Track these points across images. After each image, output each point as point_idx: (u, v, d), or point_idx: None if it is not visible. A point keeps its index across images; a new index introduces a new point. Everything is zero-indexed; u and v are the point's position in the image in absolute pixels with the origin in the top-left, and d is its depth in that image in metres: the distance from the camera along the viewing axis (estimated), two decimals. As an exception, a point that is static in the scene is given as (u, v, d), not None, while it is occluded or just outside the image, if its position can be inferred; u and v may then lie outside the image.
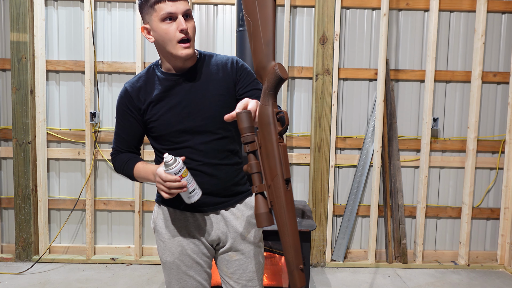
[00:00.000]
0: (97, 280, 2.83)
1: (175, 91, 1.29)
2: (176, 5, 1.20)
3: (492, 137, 3.21)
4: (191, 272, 1.36)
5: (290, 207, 1.04)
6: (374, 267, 3.14)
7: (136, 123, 1.34)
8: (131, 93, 1.32)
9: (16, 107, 3.00)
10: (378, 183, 3.12)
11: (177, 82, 1.29)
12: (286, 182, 1.03)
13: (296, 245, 1.04)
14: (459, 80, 3.16)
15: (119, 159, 1.37)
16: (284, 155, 1.03)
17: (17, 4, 2.93)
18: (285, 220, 1.03)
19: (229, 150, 1.36)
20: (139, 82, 1.33)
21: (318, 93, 3.04)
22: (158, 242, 1.41)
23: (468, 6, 3.10)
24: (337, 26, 3.02)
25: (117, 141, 1.39)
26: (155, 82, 1.31)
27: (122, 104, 1.34)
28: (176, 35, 1.21)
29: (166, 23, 1.20)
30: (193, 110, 1.28)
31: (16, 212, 3.06)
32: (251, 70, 1.36)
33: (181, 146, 1.30)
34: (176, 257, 1.36)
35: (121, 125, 1.36)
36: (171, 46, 1.22)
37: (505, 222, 3.17)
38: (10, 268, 2.97)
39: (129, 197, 3.18)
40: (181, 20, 1.20)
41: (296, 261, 1.04)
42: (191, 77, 1.30)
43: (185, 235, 1.36)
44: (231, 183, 1.37)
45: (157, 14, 1.20)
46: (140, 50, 3.03)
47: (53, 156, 3.13)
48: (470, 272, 3.11)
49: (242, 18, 2.54)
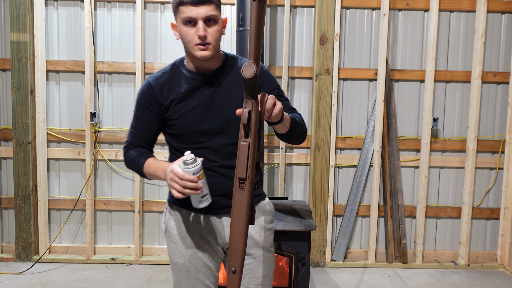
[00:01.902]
0: (97, 280, 2.83)
1: (199, 91, 1.29)
2: (198, 10, 1.20)
3: (492, 137, 3.21)
4: (201, 275, 1.35)
5: (237, 207, 1.05)
6: (374, 267, 3.14)
7: (155, 118, 1.32)
8: (154, 87, 1.31)
9: (16, 107, 3.00)
10: (378, 183, 3.12)
11: (202, 82, 1.30)
12: (240, 181, 1.04)
13: (235, 246, 1.04)
14: (459, 80, 3.16)
15: (131, 153, 1.34)
16: (241, 153, 1.04)
17: (17, 4, 2.93)
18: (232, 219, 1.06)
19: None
20: (163, 77, 1.32)
21: (318, 93, 3.04)
22: (169, 243, 1.39)
23: (468, 6, 3.10)
24: (337, 26, 3.02)
25: (133, 135, 1.36)
26: (180, 80, 1.31)
27: (144, 98, 1.32)
28: (194, 40, 1.22)
29: (187, 26, 1.22)
30: (215, 111, 1.28)
31: (16, 212, 3.06)
32: (274, 77, 1.39)
33: (199, 146, 1.30)
34: (187, 259, 1.34)
35: (139, 119, 1.34)
36: (189, 47, 1.24)
37: (505, 222, 3.17)
38: (10, 268, 2.97)
39: (129, 197, 3.18)
40: (200, 26, 1.20)
41: (230, 263, 1.05)
42: (216, 79, 1.31)
43: (197, 237, 1.35)
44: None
45: (180, 16, 1.22)
46: (140, 50, 3.03)
47: (53, 156, 3.13)
48: (470, 272, 3.11)
49: (242, 18, 2.54)
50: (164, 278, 2.89)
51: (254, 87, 1.03)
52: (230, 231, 1.06)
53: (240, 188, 1.05)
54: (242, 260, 1.06)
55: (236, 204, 1.05)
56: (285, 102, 1.39)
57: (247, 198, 1.04)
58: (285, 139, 1.33)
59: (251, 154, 1.04)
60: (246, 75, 1.01)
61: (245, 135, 1.04)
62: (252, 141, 1.04)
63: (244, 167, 1.03)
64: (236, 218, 1.05)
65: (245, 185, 1.04)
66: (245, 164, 1.03)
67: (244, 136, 1.04)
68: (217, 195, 1.31)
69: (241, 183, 1.05)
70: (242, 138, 1.05)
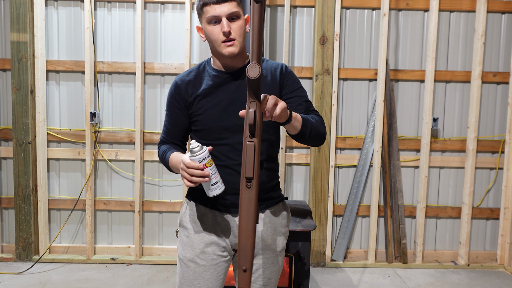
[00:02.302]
0: (97, 280, 2.83)
1: (222, 88, 1.33)
2: (221, 8, 1.24)
3: (492, 137, 3.21)
4: (208, 274, 1.33)
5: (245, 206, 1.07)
6: (374, 267, 3.14)
7: (182, 115, 1.37)
8: (180, 86, 1.37)
9: (16, 107, 3.00)
10: (378, 183, 3.12)
11: (226, 79, 1.33)
12: (247, 181, 1.06)
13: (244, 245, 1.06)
14: (459, 80, 3.17)
15: (161, 149, 1.40)
16: (249, 153, 1.06)
17: (17, 4, 2.93)
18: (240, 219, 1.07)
19: (268, 154, 1.36)
20: (189, 76, 1.38)
21: (318, 93, 3.04)
22: (182, 238, 1.40)
23: (468, 6, 3.10)
24: (337, 26, 3.02)
25: (164, 132, 1.43)
26: (204, 78, 1.36)
27: (171, 97, 1.39)
28: (220, 37, 1.26)
29: (212, 25, 1.26)
30: (236, 108, 1.28)
31: (16, 212, 3.06)
32: (297, 78, 1.41)
33: (221, 143, 1.31)
34: (197, 254, 1.34)
35: (169, 117, 1.40)
36: (216, 45, 1.28)
37: (505, 222, 3.17)
38: (10, 268, 2.97)
39: (129, 197, 3.18)
40: (225, 23, 1.24)
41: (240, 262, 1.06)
42: (240, 76, 1.33)
43: (211, 234, 1.35)
44: (264, 187, 1.35)
45: (205, 17, 1.27)
46: (140, 50, 3.03)
47: (53, 156, 3.13)
48: (470, 272, 3.11)
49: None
50: (164, 278, 2.89)
51: (258, 87, 1.05)
52: (239, 230, 1.08)
53: (247, 187, 1.07)
54: (252, 258, 1.08)
55: (244, 203, 1.07)
56: (306, 104, 1.38)
57: (254, 197, 1.06)
58: (299, 140, 1.32)
59: (257, 154, 1.06)
60: (251, 75, 1.02)
61: (250, 135, 1.06)
62: (257, 141, 1.06)
63: (251, 167, 1.05)
64: (244, 217, 1.07)
65: (252, 184, 1.06)
66: (252, 163, 1.05)
67: (249, 136, 1.06)
68: (234, 194, 1.30)
69: (248, 182, 1.06)
70: (247, 138, 1.06)
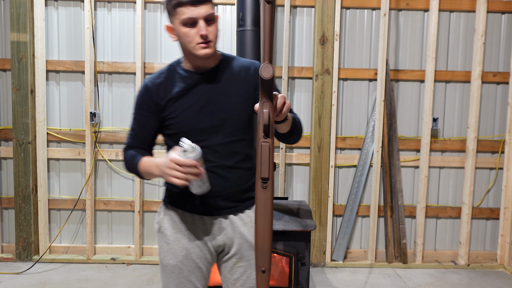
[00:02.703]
0: (97, 280, 2.83)
1: (196, 90, 1.29)
2: (198, 10, 1.20)
3: (492, 137, 3.21)
4: (192, 277, 1.34)
5: (262, 207, 1.06)
6: (374, 267, 3.14)
7: (153, 119, 1.32)
8: (151, 88, 1.31)
9: (16, 107, 3.00)
10: (378, 183, 3.12)
11: (199, 80, 1.30)
12: (263, 181, 1.05)
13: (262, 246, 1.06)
14: (459, 80, 3.17)
15: (129, 154, 1.34)
16: (264, 154, 1.05)
17: (17, 4, 2.93)
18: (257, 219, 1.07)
19: (245, 154, 1.36)
20: (159, 78, 1.33)
21: (318, 93, 3.04)
22: (161, 244, 1.37)
23: (468, 6, 3.10)
24: (337, 26, 3.02)
25: (131, 136, 1.36)
26: (176, 79, 1.31)
27: (141, 100, 1.33)
28: (196, 39, 1.22)
29: (187, 27, 1.22)
30: (212, 109, 1.28)
31: (16, 212, 3.06)
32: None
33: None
34: (180, 260, 1.33)
35: (138, 120, 1.35)
36: (190, 47, 1.24)
37: (505, 222, 3.17)
38: (10, 268, 2.97)
39: (129, 197, 3.19)
40: (202, 25, 1.21)
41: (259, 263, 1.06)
42: (213, 77, 1.31)
43: (191, 238, 1.33)
44: (243, 187, 1.36)
45: (179, 17, 1.21)
46: (140, 50, 3.03)
47: (53, 156, 3.13)
48: (470, 272, 3.11)
49: (242, 18, 2.54)
50: (164, 278, 2.89)
51: (271, 88, 1.05)
52: (256, 232, 1.07)
53: (263, 188, 1.06)
54: (270, 259, 1.07)
55: (260, 203, 1.06)
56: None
57: (270, 197, 1.06)
58: (283, 138, 1.33)
59: (272, 154, 1.06)
60: (265, 76, 1.02)
61: (265, 135, 1.05)
62: (271, 141, 1.06)
63: (266, 167, 1.04)
64: (261, 218, 1.06)
65: (268, 185, 1.05)
66: (267, 164, 1.04)
67: (263, 137, 1.05)
68: (213, 196, 1.30)
69: (264, 183, 1.06)
70: (261, 139, 1.06)
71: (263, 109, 1.05)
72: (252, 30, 2.51)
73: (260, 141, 1.06)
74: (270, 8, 1.02)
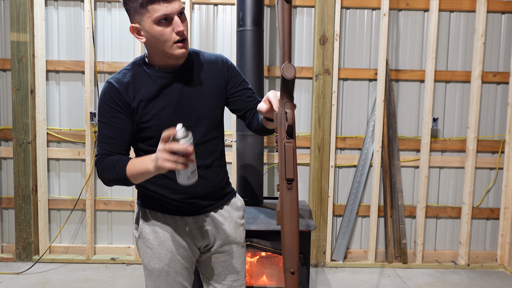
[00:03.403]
0: (97, 280, 2.83)
1: (168, 90, 1.23)
2: (172, 6, 1.11)
3: (492, 137, 3.21)
4: (180, 278, 1.32)
5: (288, 208, 1.04)
6: (374, 267, 3.14)
7: (127, 120, 1.21)
8: (119, 88, 1.20)
9: (16, 107, 3.00)
10: (378, 183, 3.12)
11: (170, 80, 1.23)
12: (288, 182, 1.04)
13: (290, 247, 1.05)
14: (459, 80, 3.16)
15: (107, 161, 1.18)
16: (288, 154, 1.03)
17: (17, 4, 2.93)
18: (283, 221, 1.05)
19: (220, 151, 1.36)
20: (125, 77, 1.22)
21: (318, 93, 3.04)
22: (144, 250, 1.32)
23: (468, 6, 3.10)
24: (337, 26, 3.02)
25: (104, 143, 1.21)
26: (144, 79, 1.22)
27: (109, 101, 1.20)
28: (173, 37, 1.14)
29: (161, 25, 1.13)
30: (186, 109, 1.25)
31: (16, 212, 3.06)
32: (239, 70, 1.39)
33: None
34: (166, 263, 1.30)
35: (109, 125, 1.20)
36: (166, 47, 1.16)
37: (505, 222, 3.17)
38: (10, 268, 2.97)
39: (129, 197, 3.18)
40: (177, 21, 1.13)
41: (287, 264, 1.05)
42: (184, 75, 1.26)
43: (175, 240, 1.31)
44: (221, 185, 1.36)
45: (151, 15, 1.11)
46: (140, 51, 3.02)
47: (53, 156, 3.13)
48: (470, 272, 3.11)
49: (242, 18, 2.54)
50: (164, 278, 2.89)
51: (293, 88, 1.04)
52: (282, 233, 1.05)
53: (288, 189, 1.04)
54: (298, 260, 1.06)
55: (286, 205, 1.05)
56: (254, 95, 1.39)
57: (295, 198, 1.05)
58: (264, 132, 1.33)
59: (295, 155, 1.05)
60: (288, 76, 1.00)
61: (288, 136, 1.04)
62: (295, 142, 1.05)
63: (291, 168, 1.03)
64: (287, 219, 1.05)
65: (293, 186, 1.04)
66: (291, 164, 1.03)
67: (287, 137, 1.04)
68: (192, 197, 1.29)
69: (289, 184, 1.04)
70: (284, 139, 1.04)
71: (285, 109, 1.03)
72: (252, 30, 2.51)
73: (283, 141, 1.04)
74: (289, 7, 1.00)
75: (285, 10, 1.01)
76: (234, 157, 2.90)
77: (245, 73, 2.48)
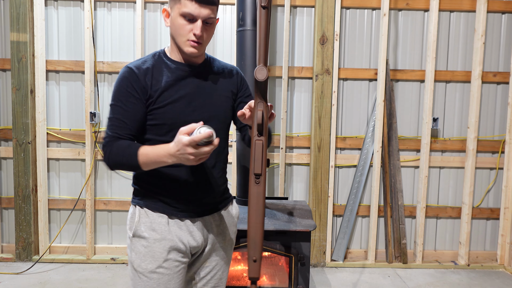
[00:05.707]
0: (97, 280, 2.83)
1: (185, 82, 1.26)
2: (201, 10, 1.18)
3: (492, 137, 3.21)
4: (172, 283, 1.28)
5: (255, 200, 1.14)
6: (374, 267, 3.14)
7: (141, 106, 1.22)
8: (138, 74, 1.22)
9: (16, 107, 3.00)
10: (378, 183, 3.12)
11: (188, 73, 1.28)
12: (256, 177, 1.14)
13: (254, 237, 1.14)
14: (459, 80, 3.16)
15: (117, 145, 1.18)
16: (257, 151, 1.13)
17: (17, 4, 2.93)
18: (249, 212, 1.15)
19: (225, 154, 1.39)
20: (145, 64, 1.25)
21: (318, 93, 3.04)
22: (139, 249, 1.27)
23: (468, 6, 3.10)
24: (337, 26, 3.02)
25: (115, 127, 1.20)
26: (163, 69, 1.26)
27: (126, 85, 1.21)
28: (189, 35, 1.21)
29: (184, 20, 1.20)
30: (200, 104, 1.27)
31: (16, 212, 3.06)
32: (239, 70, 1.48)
33: None
34: (160, 263, 1.26)
35: (123, 108, 1.20)
36: (180, 40, 1.22)
37: (505, 222, 3.17)
38: (10, 268, 2.97)
39: (129, 197, 3.18)
40: (199, 25, 1.19)
41: (251, 253, 1.14)
42: (202, 72, 1.31)
43: (170, 239, 1.28)
44: (221, 188, 1.37)
45: (180, 7, 1.19)
46: (140, 50, 3.02)
47: (53, 156, 3.13)
48: (470, 272, 3.11)
49: (242, 18, 2.54)
50: (164, 278, 2.89)
51: (266, 89, 1.12)
52: (248, 223, 1.13)
53: (256, 183, 1.14)
54: (261, 249, 1.14)
55: (253, 197, 1.14)
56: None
57: (262, 192, 1.14)
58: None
59: (265, 151, 1.13)
60: (260, 78, 1.09)
61: (258, 133, 1.13)
62: (265, 139, 1.13)
63: (259, 163, 1.13)
64: (253, 210, 1.14)
65: (261, 180, 1.14)
66: (260, 160, 1.12)
67: (257, 135, 1.13)
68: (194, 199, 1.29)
69: (257, 178, 1.13)
70: (255, 137, 1.13)
71: (258, 108, 1.11)
72: (252, 30, 2.52)
73: (254, 139, 1.13)
74: (266, 13, 1.07)
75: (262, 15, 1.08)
76: (234, 157, 2.90)
77: (245, 73, 2.48)
